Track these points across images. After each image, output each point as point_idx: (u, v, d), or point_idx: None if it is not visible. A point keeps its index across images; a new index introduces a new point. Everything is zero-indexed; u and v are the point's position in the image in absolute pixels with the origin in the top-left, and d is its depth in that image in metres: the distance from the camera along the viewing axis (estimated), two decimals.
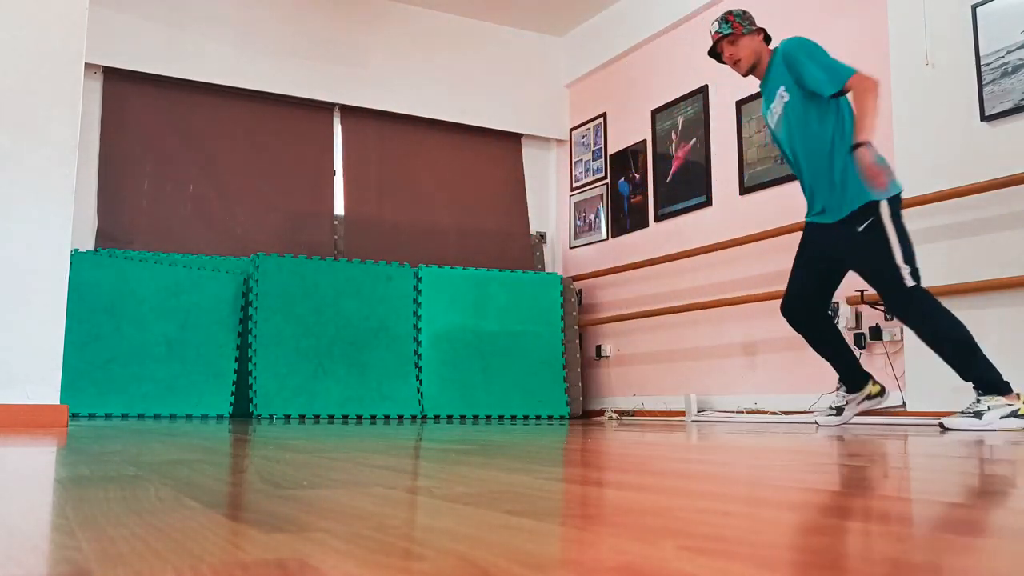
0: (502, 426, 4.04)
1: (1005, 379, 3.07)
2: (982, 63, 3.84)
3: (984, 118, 3.82)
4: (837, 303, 4.48)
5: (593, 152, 6.73)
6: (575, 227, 6.86)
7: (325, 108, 6.31)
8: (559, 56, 7.11)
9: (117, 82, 5.70)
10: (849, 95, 3.20)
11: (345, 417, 5.28)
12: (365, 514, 0.78)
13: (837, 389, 3.60)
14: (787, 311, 3.50)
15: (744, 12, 3.53)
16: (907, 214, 4.11)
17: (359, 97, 6.32)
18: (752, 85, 5.27)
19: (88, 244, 5.45)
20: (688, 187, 5.71)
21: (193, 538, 0.64)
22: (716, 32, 3.52)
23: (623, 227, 6.30)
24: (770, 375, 4.94)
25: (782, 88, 3.36)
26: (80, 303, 4.84)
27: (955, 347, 3.05)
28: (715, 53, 3.54)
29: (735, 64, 3.48)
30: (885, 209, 3.14)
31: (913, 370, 4.06)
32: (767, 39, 3.50)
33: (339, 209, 6.23)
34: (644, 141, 6.18)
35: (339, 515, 0.77)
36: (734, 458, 1.58)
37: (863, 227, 3.16)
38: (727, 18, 3.53)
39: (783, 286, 4.86)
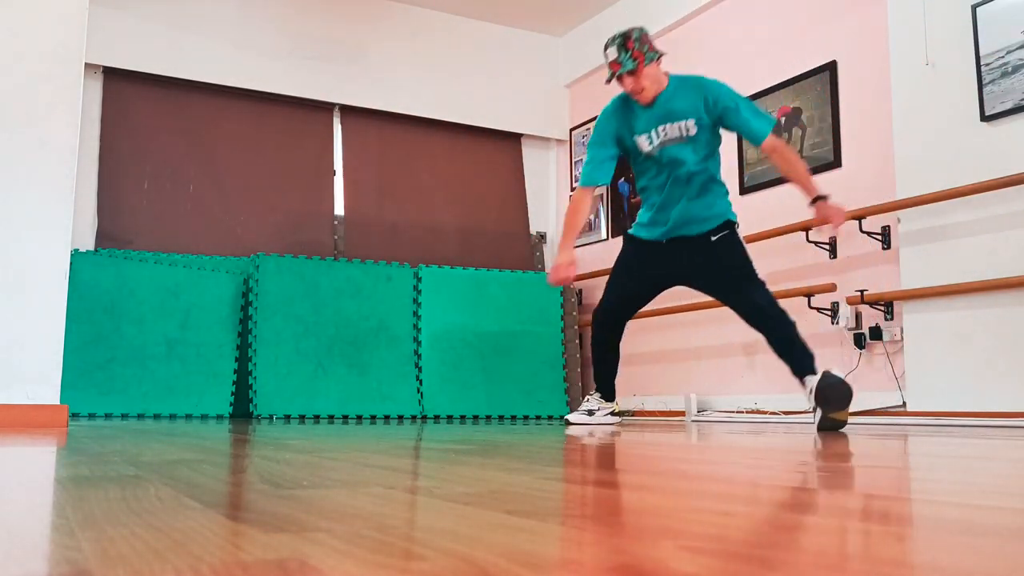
0: (502, 426, 4.04)
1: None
2: (982, 63, 3.84)
3: (984, 118, 3.82)
4: (837, 303, 4.48)
5: None
6: None
7: (325, 108, 6.30)
8: (559, 56, 7.11)
9: (117, 82, 5.70)
10: (767, 145, 3.37)
11: (345, 417, 5.28)
12: (365, 514, 0.78)
13: (593, 394, 3.91)
14: (607, 316, 3.67)
15: (643, 35, 3.37)
16: (907, 214, 4.12)
17: (359, 97, 6.31)
18: (752, 85, 5.27)
19: (88, 244, 5.44)
20: None
21: (193, 538, 0.64)
22: (615, 62, 3.34)
23: (623, 227, 6.29)
24: (770, 375, 4.94)
25: (691, 121, 3.38)
26: (80, 303, 4.84)
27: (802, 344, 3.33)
28: (616, 76, 3.39)
29: (637, 94, 3.39)
30: (737, 228, 3.55)
31: (913, 370, 4.06)
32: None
33: (339, 209, 6.23)
34: None
35: (339, 515, 0.77)
36: (734, 458, 1.58)
37: (718, 236, 3.46)
38: (627, 45, 3.34)
39: (784, 286, 4.86)
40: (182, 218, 5.70)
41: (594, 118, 6.73)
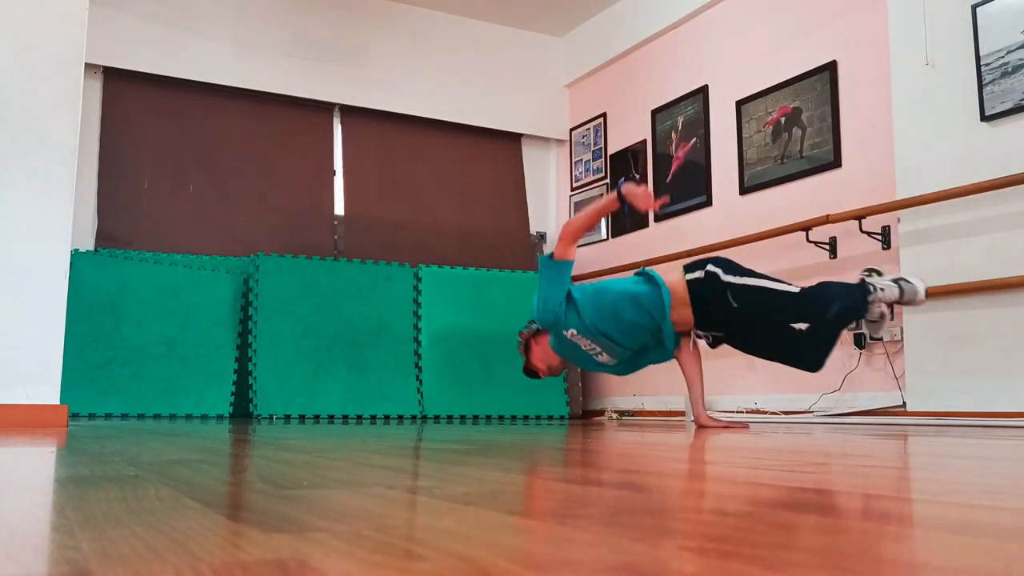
0: (502, 426, 4.04)
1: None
2: (982, 63, 3.84)
3: (984, 118, 3.82)
4: None
5: (593, 152, 6.73)
6: None
7: (325, 108, 6.30)
8: (559, 56, 7.11)
9: (117, 82, 5.70)
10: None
11: (345, 417, 5.28)
12: (365, 514, 0.78)
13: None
14: None
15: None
16: (907, 214, 4.12)
17: (359, 97, 6.31)
18: (752, 85, 5.27)
19: (88, 244, 5.44)
20: (688, 187, 5.71)
21: (193, 538, 0.64)
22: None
23: (623, 227, 6.29)
24: (770, 375, 4.94)
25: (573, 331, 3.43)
26: (80, 303, 4.84)
27: None
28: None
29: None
30: None
31: (913, 370, 4.06)
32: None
33: (339, 209, 6.23)
34: (644, 141, 6.18)
35: (339, 515, 0.77)
36: (734, 458, 1.58)
37: None
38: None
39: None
40: (182, 218, 5.70)
41: (594, 118, 6.73)
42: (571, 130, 7.01)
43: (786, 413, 4.72)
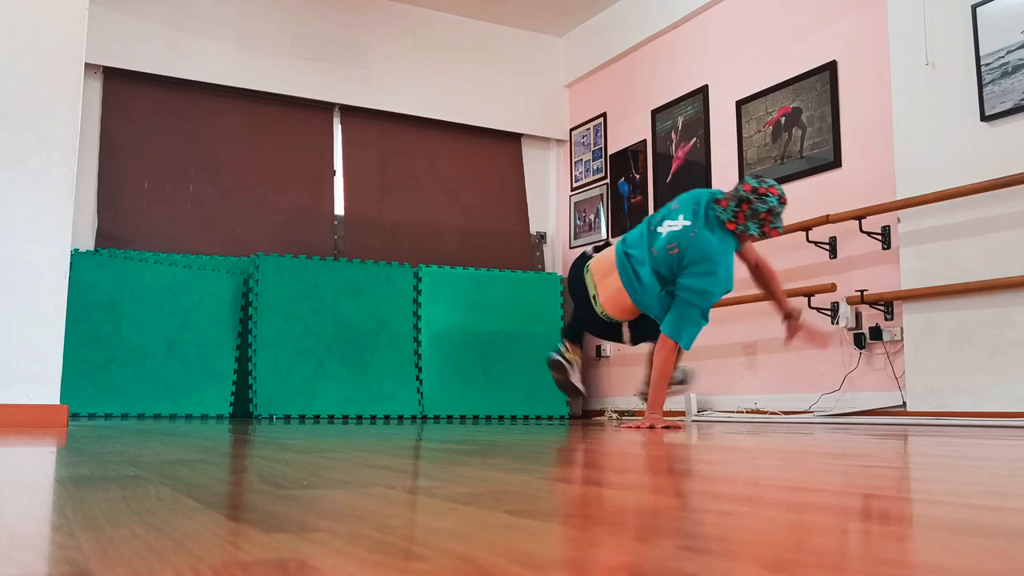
0: (502, 426, 4.04)
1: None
2: (982, 63, 3.84)
3: (984, 118, 3.82)
4: (837, 303, 4.48)
5: (593, 152, 6.73)
6: (575, 227, 6.86)
7: (325, 108, 6.30)
8: (559, 56, 7.11)
9: (117, 82, 5.70)
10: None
11: (345, 417, 5.28)
12: (365, 514, 0.78)
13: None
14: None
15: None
16: (907, 214, 4.12)
17: (359, 97, 6.31)
18: (752, 85, 5.27)
19: (88, 244, 5.44)
20: (688, 187, 5.71)
21: (193, 538, 0.64)
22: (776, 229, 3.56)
23: (623, 227, 6.29)
24: (770, 375, 4.94)
25: (684, 219, 3.60)
26: (80, 303, 4.84)
27: None
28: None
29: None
30: None
31: (913, 370, 4.06)
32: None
33: (339, 209, 6.23)
34: (644, 141, 6.18)
35: (339, 515, 0.77)
36: (734, 458, 1.58)
37: None
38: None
39: (784, 286, 4.85)
40: (182, 218, 5.70)
41: (594, 118, 6.73)
42: (571, 130, 7.01)
43: (786, 413, 4.72)
